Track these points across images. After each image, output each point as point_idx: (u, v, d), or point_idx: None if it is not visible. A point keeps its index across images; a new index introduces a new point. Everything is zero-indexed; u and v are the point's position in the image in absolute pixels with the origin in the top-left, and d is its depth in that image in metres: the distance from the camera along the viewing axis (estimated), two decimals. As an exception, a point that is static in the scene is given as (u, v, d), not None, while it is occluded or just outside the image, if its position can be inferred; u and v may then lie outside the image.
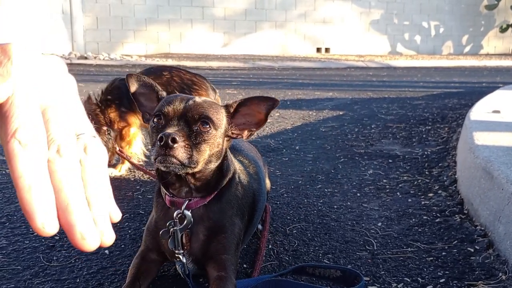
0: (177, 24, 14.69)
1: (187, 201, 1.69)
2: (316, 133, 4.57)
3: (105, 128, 3.00)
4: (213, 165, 1.68)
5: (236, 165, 1.91)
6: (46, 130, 0.63)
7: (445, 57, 16.27)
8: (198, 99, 1.67)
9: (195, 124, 1.59)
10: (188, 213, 1.68)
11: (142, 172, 3.16)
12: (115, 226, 2.10)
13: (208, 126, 1.60)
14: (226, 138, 1.72)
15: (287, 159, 3.67)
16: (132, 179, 3.10)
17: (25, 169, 0.58)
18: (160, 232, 1.70)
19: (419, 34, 17.58)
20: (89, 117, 2.38)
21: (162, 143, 1.49)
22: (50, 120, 0.63)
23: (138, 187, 2.94)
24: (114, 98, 3.03)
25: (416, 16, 17.33)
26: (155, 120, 1.63)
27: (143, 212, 2.52)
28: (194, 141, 1.57)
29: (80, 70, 10.51)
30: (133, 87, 1.77)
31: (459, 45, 18.15)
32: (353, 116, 5.50)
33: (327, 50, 16.55)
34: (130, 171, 3.23)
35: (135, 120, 3.06)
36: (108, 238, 0.67)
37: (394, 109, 5.90)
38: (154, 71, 3.07)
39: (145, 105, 1.79)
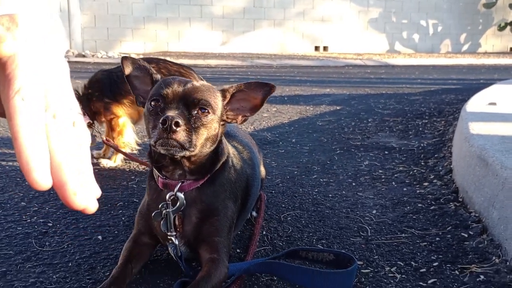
0: (176, 22, 14.69)
1: (180, 183, 1.69)
2: (312, 127, 4.57)
3: (89, 121, 2.98)
4: (208, 149, 1.68)
5: (230, 149, 1.91)
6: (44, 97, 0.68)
7: (443, 56, 16.27)
8: (196, 82, 1.67)
9: (194, 108, 1.60)
10: (180, 195, 1.68)
11: (135, 161, 3.16)
12: (109, 213, 2.09)
13: (207, 111, 1.61)
14: (221, 123, 1.72)
15: (283, 151, 3.67)
16: (127, 169, 3.10)
17: (26, 123, 0.63)
18: (153, 214, 1.69)
19: (417, 32, 17.59)
20: None
21: (165, 126, 1.50)
22: (48, 90, 0.68)
23: (133, 177, 2.94)
24: (95, 91, 3.02)
25: (414, 14, 17.33)
26: (152, 103, 1.61)
27: (137, 201, 2.51)
28: (193, 125, 1.58)
29: (77, 68, 10.49)
30: (128, 69, 1.76)
31: (457, 43, 18.15)
32: (350, 110, 5.50)
33: (325, 48, 16.55)
34: (125, 162, 3.22)
35: (120, 110, 3.05)
36: (93, 205, 0.72)
37: (391, 104, 5.90)
38: None
39: (138, 88, 1.79)
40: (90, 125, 2.99)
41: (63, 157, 0.67)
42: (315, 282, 1.69)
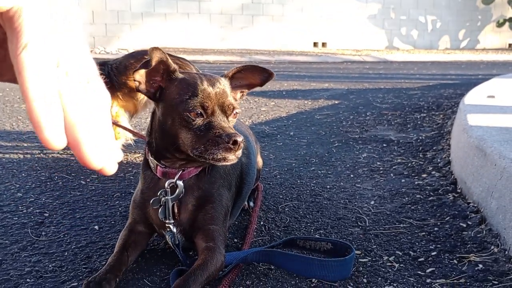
0: (174, 18, 14.65)
1: (180, 171, 1.68)
2: (311, 120, 4.56)
3: None
4: None
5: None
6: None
7: (442, 52, 16.25)
8: (219, 82, 1.64)
9: (230, 113, 1.63)
10: (180, 183, 1.67)
11: (134, 154, 3.16)
12: (106, 204, 2.07)
13: (238, 113, 1.67)
14: None
15: (281, 144, 3.65)
16: (125, 161, 3.08)
17: (35, 80, 0.60)
18: (151, 201, 1.67)
19: (416, 28, 17.57)
20: None
21: (236, 146, 1.52)
22: (59, 47, 0.65)
23: (130, 168, 2.92)
24: None
25: (413, 10, 17.31)
26: (191, 114, 1.55)
27: (133, 192, 2.49)
28: None
29: (75, 63, 10.46)
30: (155, 61, 1.60)
31: (456, 39, 18.14)
32: (349, 105, 5.48)
33: (324, 44, 16.52)
34: (123, 153, 3.20)
35: (114, 100, 3.02)
36: (111, 166, 0.69)
37: (389, 99, 5.89)
38: (136, 55, 3.05)
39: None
40: None
41: (78, 115, 0.64)
42: (313, 270, 1.68)
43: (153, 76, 1.65)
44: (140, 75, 1.63)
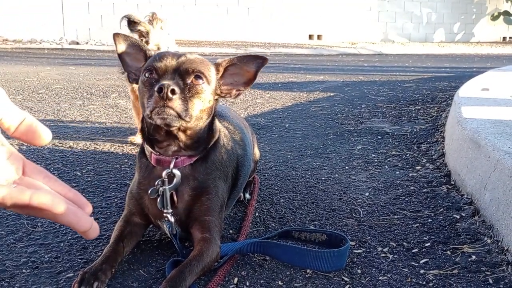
0: (170, 10, 14.56)
1: (174, 159, 1.68)
2: (306, 113, 4.56)
3: None
4: (203, 123, 1.68)
5: (221, 129, 1.90)
6: None
7: (437, 45, 16.26)
8: (189, 55, 1.67)
9: (188, 77, 1.60)
10: (177, 172, 1.67)
11: (130, 146, 3.16)
12: (102, 195, 2.07)
13: (201, 80, 1.62)
14: (215, 97, 1.72)
15: (276, 136, 3.66)
16: (121, 153, 3.08)
17: None
18: (149, 191, 1.68)
19: (411, 21, 17.55)
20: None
21: (161, 94, 1.49)
22: None
23: (126, 160, 2.93)
24: None
25: (408, 3, 17.28)
26: (146, 74, 1.60)
27: (129, 183, 2.49)
28: (188, 94, 1.58)
29: (71, 55, 10.46)
30: (120, 47, 1.75)
31: (451, 32, 18.14)
32: (344, 97, 5.49)
33: (319, 37, 16.49)
34: (118, 146, 3.21)
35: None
36: None
37: (384, 91, 5.90)
38: None
39: (130, 65, 1.78)
40: None
41: None
42: (308, 261, 1.69)
43: (138, 64, 1.75)
44: (126, 67, 1.77)
